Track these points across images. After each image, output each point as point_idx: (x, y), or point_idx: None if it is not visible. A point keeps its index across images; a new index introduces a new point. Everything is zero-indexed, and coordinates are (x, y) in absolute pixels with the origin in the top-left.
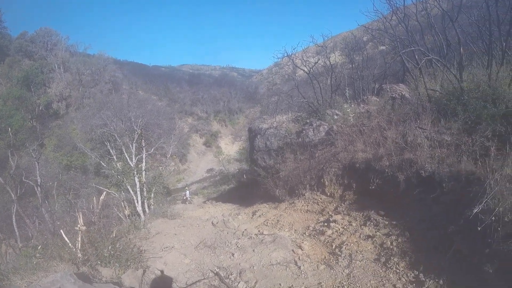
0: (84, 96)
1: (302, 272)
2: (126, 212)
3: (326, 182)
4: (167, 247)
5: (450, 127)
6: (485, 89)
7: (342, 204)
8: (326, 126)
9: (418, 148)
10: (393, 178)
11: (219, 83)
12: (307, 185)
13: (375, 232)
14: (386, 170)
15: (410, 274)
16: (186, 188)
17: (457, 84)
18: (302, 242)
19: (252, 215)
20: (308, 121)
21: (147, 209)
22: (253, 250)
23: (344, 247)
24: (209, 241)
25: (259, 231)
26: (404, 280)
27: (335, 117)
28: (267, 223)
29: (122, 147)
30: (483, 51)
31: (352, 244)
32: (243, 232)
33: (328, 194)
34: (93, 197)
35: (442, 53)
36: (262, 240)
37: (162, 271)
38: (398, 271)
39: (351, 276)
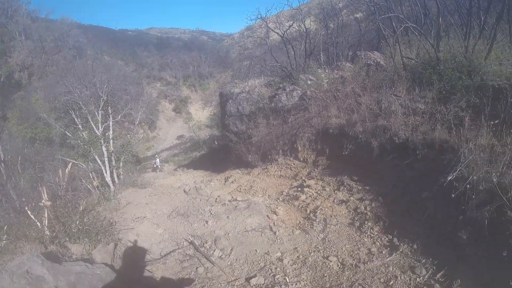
0: (47, 64)
1: (278, 238)
2: (95, 183)
3: (299, 147)
4: (138, 218)
5: (425, 95)
6: (461, 60)
7: (315, 169)
8: (299, 91)
9: (392, 115)
10: (366, 144)
11: (188, 47)
12: (280, 151)
13: (349, 197)
14: (360, 136)
15: (384, 238)
16: (156, 155)
17: (433, 54)
18: (277, 208)
19: (225, 181)
20: (281, 85)
21: (116, 179)
22: (227, 217)
23: (318, 212)
24: (182, 209)
25: (232, 197)
26: (378, 244)
27: (309, 82)
28: (240, 189)
29: (87, 115)
30: (460, 24)
31: (326, 209)
32: (216, 198)
33: (301, 159)
34: (59, 170)
35: (419, 22)
36: (236, 206)
37: (135, 242)
38: (372, 235)
39: (326, 240)
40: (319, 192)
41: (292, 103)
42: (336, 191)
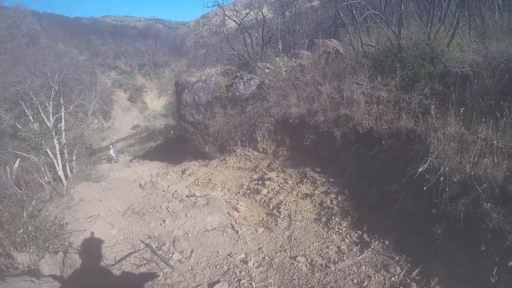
0: (17, 57)
1: (241, 237)
2: (46, 178)
3: (258, 137)
4: (91, 217)
5: (388, 83)
6: (424, 47)
7: (276, 161)
8: (257, 80)
9: (355, 104)
10: (328, 134)
11: (144, 35)
12: (238, 141)
13: (313, 190)
14: (321, 126)
15: (354, 234)
16: (110, 146)
17: (395, 41)
18: (238, 203)
19: (182, 174)
20: (238, 74)
21: (69, 173)
22: (186, 214)
23: (282, 207)
24: (138, 207)
25: (190, 191)
26: (348, 241)
27: (267, 70)
28: (198, 182)
29: (38, 106)
30: (421, 11)
31: (290, 204)
32: (174, 194)
33: (261, 150)
34: (7, 166)
35: (379, 10)
36: (194, 203)
37: (86, 247)
38: (340, 231)
39: (292, 238)
40: (281, 185)
41: (249, 92)
42: (299, 184)
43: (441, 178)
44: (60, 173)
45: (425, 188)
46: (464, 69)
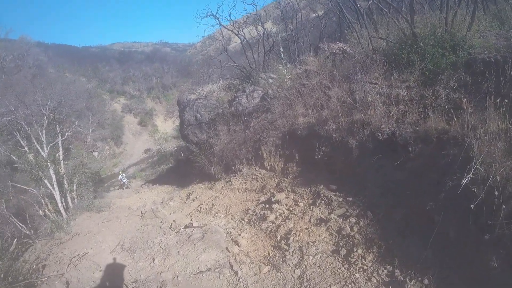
0: (6, 85)
1: (240, 280)
2: (47, 210)
3: (265, 154)
4: (77, 256)
5: (406, 79)
6: (442, 35)
7: (285, 179)
8: (260, 91)
9: (370, 106)
10: (342, 144)
11: (150, 59)
12: (244, 160)
13: (329, 214)
14: (334, 135)
15: (382, 270)
16: (120, 172)
17: (409, 31)
18: (240, 235)
19: (186, 199)
20: (240, 87)
21: (70, 203)
22: (178, 252)
23: (291, 237)
24: (129, 242)
25: (190, 220)
26: (375, 280)
27: (270, 81)
28: (201, 208)
29: (31, 136)
30: None
31: (301, 233)
32: (172, 224)
33: (268, 168)
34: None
35: None
36: (189, 236)
37: None
38: (365, 267)
39: (305, 279)
40: (291, 208)
41: (253, 105)
42: (311, 206)
43: (495, 193)
44: (59, 204)
45: (472, 206)
46: (491, 55)
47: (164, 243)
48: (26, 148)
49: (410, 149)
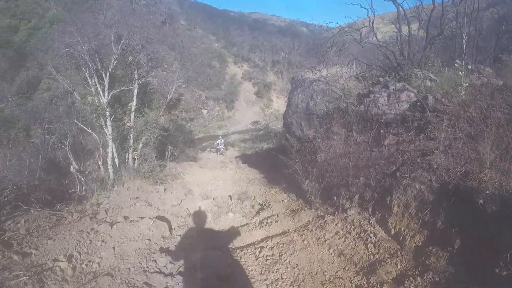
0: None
1: None
2: (100, 162)
3: (396, 206)
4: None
5: None
6: None
7: (416, 271)
8: (412, 94)
9: None
10: None
11: (283, 32)
12: (356, 195)
13: None
14: None
15: None
16: (220, 136)
17: None
18: None
19: (256, 213)
20: (381, 80)
21: (131, 162)
22: None
23: None
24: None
25: None
26: None
27: (428, 83)
28: (257, 254)
29: (94, 75)
30: None
31: None
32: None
33: (392, 232)
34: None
35: None
36: None
37: None
38: None
39: None
40: None
41: (396, 111)
42: None
43: None
44: (109, 162)
45: None
46: None
47: None
48: (92, 88)
49: None
